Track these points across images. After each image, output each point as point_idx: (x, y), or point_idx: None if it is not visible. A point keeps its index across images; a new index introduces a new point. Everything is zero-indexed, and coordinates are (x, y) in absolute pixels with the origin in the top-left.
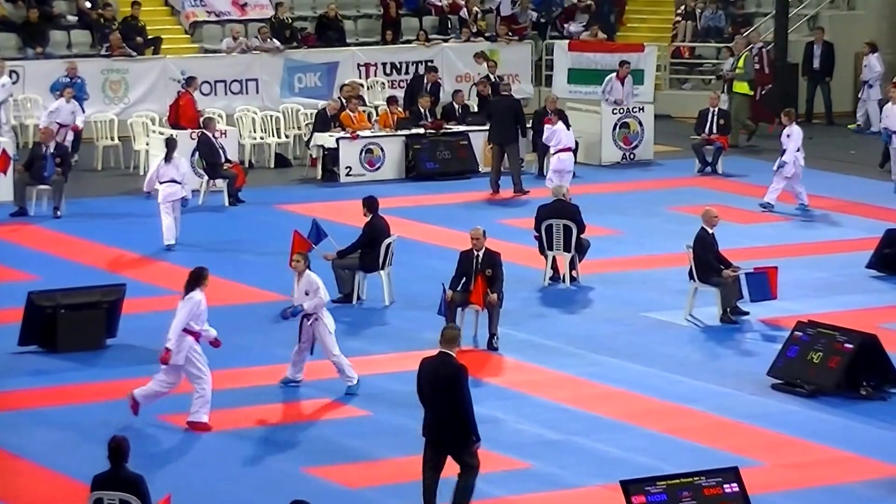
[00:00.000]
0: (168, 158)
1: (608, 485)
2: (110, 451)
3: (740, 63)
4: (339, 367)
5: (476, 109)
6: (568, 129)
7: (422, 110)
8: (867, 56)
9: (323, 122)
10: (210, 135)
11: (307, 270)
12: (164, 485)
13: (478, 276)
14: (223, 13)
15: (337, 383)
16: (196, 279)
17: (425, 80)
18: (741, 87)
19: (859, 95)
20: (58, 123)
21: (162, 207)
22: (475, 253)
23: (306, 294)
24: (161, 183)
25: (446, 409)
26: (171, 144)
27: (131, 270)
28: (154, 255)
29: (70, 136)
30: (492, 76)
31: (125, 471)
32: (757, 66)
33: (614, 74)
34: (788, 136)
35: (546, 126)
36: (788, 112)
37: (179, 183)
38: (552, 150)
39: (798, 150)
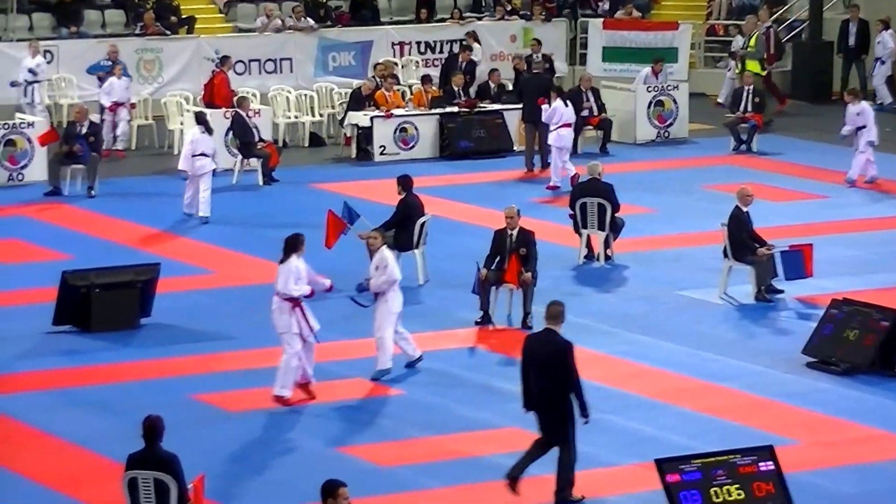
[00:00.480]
0: (201, 132)
1: (642, 463)
2: (144, 431)
3: (752, 42)
4: (379, 346)
5: (511, 87)
6: (567, 106)
7: (456, 89)
8: (880, 33)
9: (357, 100)
10: (244, 114)
11: (383, 248)
12: (198, 464)
13: (512, 254)
14: None
15: (371, 363)
16: (292, 246)
17: (459, 59)
18: (753, 66)
19: (872, 72)
20: (114, 102)
21: (193, 179)
22: (509, 232)
23: (376, 269)
24: (193, 156)
25: (552, 385)
26: (201, 118)
27: (165, 250)
28: (188, 235)
29: (125, 115)
30: (536, 55)
31: (159, 450)
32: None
33: (649, 69)
34: (859, 114)
35: (543, 106)
36: (853, 91)
37: (209, 156)
38: (552, 128)
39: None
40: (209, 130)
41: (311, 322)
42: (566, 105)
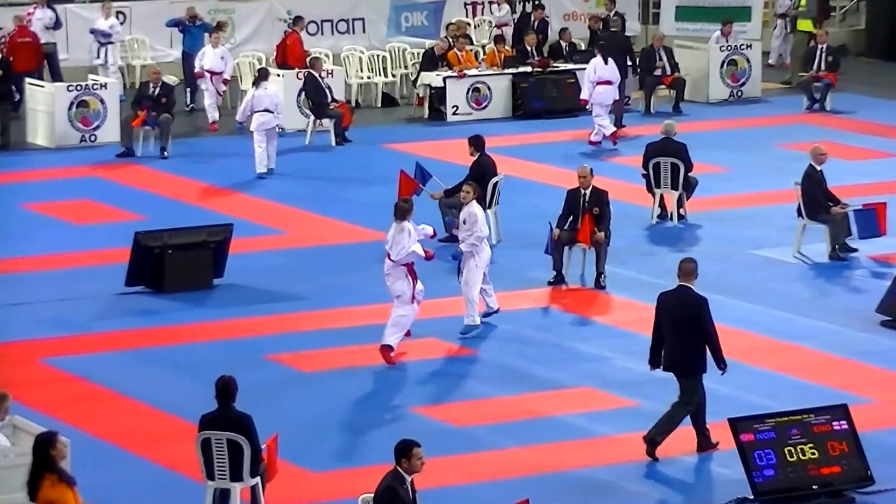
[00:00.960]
0: (258, 86)
1: (717, 422)
2: (218, 391)
3: (802, 1)
4: (467, 302)
5: (584, 47)
6: (606, 64)
7: (529, 48)
8: None
9: (430, 61)
10: (316, 74)
11: (473, 202)
12: (272, 425)
13: (585, 214)
14: None
15: (445, 323)
16: (404, 211)
17: (532, 18)
18: (805, 25)
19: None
20: (208, 71)
21: (255, 136)
22: (582, 191)
23: (464, 223)
24: (255, 112)
25: (687, 340)
26: (262, 74)
27: (238, 210)
28: (261, 195)
29: (221, 87)
30: (609, 13)
31: (233, 410)
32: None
33: (719, 31)
34: None
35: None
36: None
37: (272, 112)
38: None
39: None
40: (258, 87)
41: (418, 284)
42: (605, 63)
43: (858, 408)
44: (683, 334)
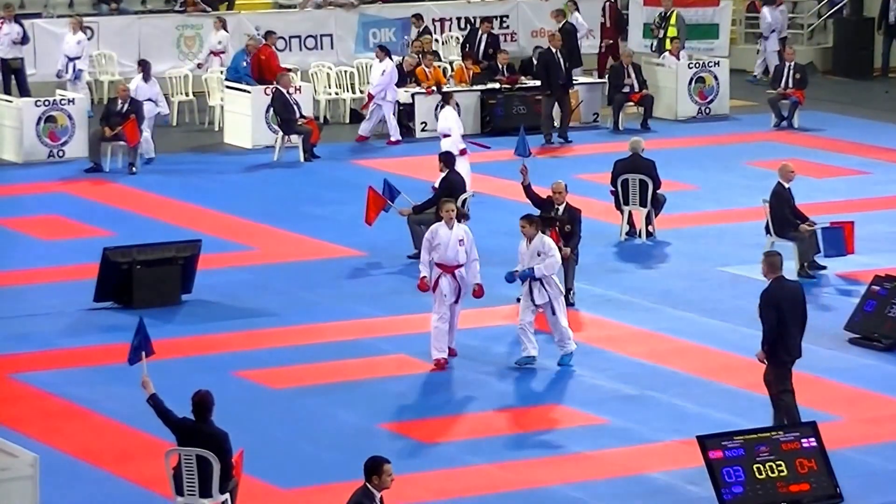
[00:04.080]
0: (146, 78)
1: (685, 440)
2: (194, 405)
3: None
4: (521, 333)
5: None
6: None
7: (499, 65)
8: (762, 8)
9: (398, 77)
10: (284, 90)
11: (539, 233)
12: (240, 441)
13: (553, 229)
14: None
15: (414, 339)
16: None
17: (480, 32)
18: None
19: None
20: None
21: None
22: (556, 207)
23: (538, 255)
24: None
25: (802, 327)
26: (145, 65)
27: (207, 226)
28: (230, 211)
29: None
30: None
31: (209, 425)
32: None
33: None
34: None
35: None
36: None
37: (154, 101)
38: None
39: None
40: (147, 78)
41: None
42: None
43: (827, 425)
44: (802, 322)
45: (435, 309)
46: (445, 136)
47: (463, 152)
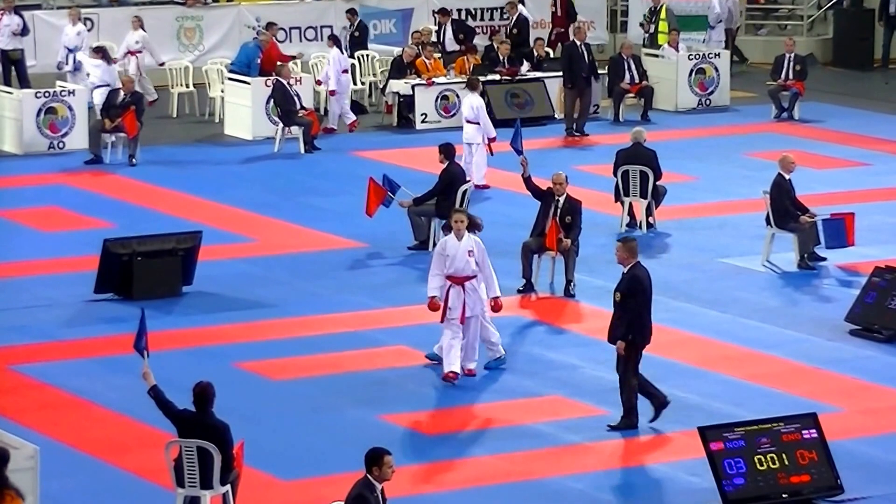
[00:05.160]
0: (108, 63)
1: (686, 431)
2: (195, 396)
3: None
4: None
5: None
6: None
7: (500, 57)
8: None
9: (398, 68)
10: (284, 82)
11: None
12: (241, 432)
13: (553, 220)
14: None
15: (414, 331)
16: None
17: (439, 23)
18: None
19: (703, 39)
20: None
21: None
22: (556, 198)
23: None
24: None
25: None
26: (103, 51)
27: (207, 218)
28: (230, 203)
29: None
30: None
31: (210, 417)
32: None
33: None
34: None
35: None
36: None
37: (110, 85)
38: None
39: None
40: (107, 60)
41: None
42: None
43: (827, 416)
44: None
45: (445, 326)
46: (469, 121)
47: (492, 140)
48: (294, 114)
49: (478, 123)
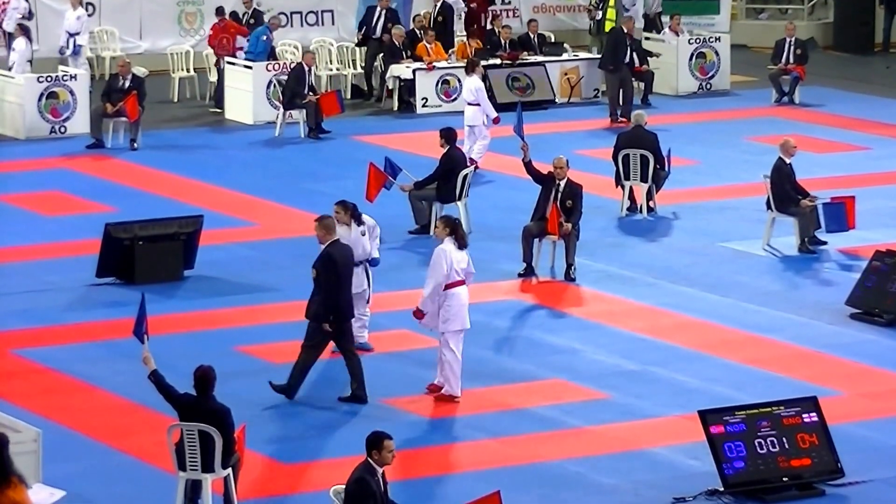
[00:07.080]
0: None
1: (686, 415)
2: (196, 380)
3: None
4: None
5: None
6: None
7: (502, 41)
8: None
9: (391, 52)
10: (307, 66)
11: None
12: (242, 416)
13: (554, 204)
14: None
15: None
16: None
17: (378, 8)
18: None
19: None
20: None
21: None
22: (557, 182)
23: (363, 235)
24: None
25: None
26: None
27: (208, 202)
28: (231, 187)
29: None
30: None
31: (211, 401)
32: None
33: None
34: None
35: None
36: None
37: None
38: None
39: None
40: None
41: None
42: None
43: (828, 400)
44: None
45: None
46: (470, 104)
47: (496, 121)
48: (301, 97)
49: (478, 105)
